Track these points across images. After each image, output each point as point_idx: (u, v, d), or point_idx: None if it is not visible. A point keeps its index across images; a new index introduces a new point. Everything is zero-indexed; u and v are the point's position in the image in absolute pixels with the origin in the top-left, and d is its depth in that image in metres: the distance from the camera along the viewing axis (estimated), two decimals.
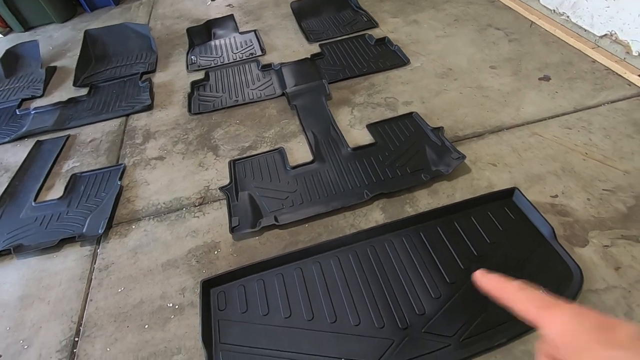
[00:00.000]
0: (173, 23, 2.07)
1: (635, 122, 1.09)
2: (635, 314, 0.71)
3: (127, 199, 1.10)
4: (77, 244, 1.00)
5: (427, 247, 0.86)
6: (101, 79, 1.66)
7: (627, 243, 0.82)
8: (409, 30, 1.66)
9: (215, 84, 1.52)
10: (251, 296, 0.83)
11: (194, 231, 0.99)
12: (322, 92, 1.35)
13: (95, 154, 1.30)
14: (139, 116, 1.43)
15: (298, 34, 1.77)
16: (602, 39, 1.33)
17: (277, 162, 1.13)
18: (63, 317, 0.86)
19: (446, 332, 0.73)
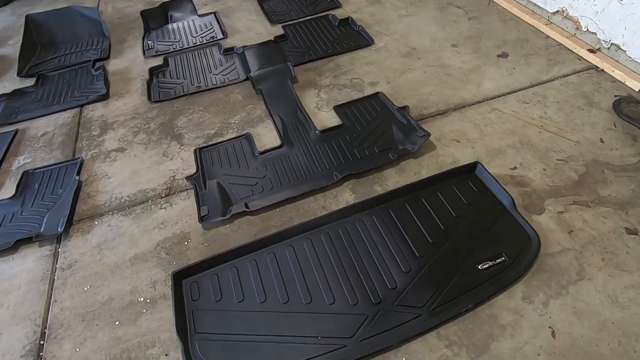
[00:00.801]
0: (125, 6, 1.94)
1: (585, 94, 1.15)
2: (586, 272, 0.77)
3: (87, 194, 1.05)
4: (36, 244, 0.95)
5: (396, 224, 0.88)
6: (49, 67, 1.54)
7: (578, 208, 0.88)
8: (372, 10, 1.65)
9: (176, 70, 1.46)
10: (225, 284, 0.82)
11: (162, 223, 0.96)
12: (287, 75, 1.33)
13: (49, 148, 1.22)
14: (94, 106, 1.35)
15: (260, 16, 1.72)
16: (554, 15, 1.39)
17: (244, 148, 1.11)
18: (25, 320, 0.82)
19: (417, 303, 0.76)
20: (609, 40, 1.22)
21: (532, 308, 0.74)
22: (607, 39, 1.22)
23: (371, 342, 0.72)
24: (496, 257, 0.80)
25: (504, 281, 0.77)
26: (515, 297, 0.75)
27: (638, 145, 1.00)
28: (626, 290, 0.74)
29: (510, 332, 0.71)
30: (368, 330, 0.73)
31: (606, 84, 1.18)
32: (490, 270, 0.79)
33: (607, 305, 0.72)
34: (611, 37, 1.21)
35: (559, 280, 0.77)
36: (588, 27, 1.27)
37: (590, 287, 0.75)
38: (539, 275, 0.78)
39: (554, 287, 0.76)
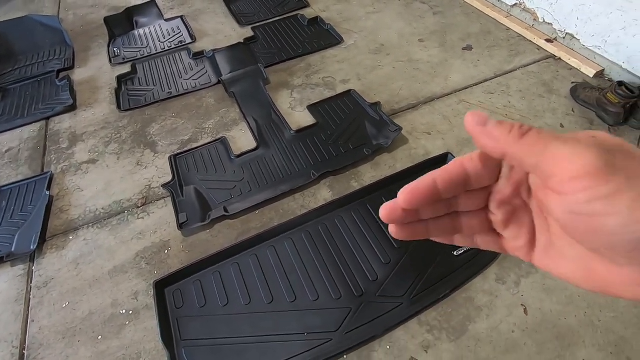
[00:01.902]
0: (87, 12, 1.89)
1: (545, 82, 1.21)
2: None
3: (59, 209, 1.02)
4: (7, 264, 0.92)
5: (374, 218, 0.91)
6: (10, 80, 1.48)
7: None
8: (339, 8, 1.67)
9: (145, 77, 1.43)
10: (208, 289, 0.82)
11: (140, 233, 0.95)
12: (259, 76, 1.33)
13: (15, 164, 1.17)
14: (61, 118, 1.31)
15: (228, 18, 1.71)
16: (513, 8, 1.45)
17: (220, 153, 1.11)
18: (1, 343, 0.79)
19: (398, 293, 0.79)
20: (564, 30, 1.28)
21: (505, 288, 0.78)
22: (562, 29, 1.29)
23: (356, 333, 0.74)
24: None
25: (478, 265, 0.81)
26: (489, 280, 0.79)
27: (595, 128, 1.06)
28: None
29: (486, 312, 0.75)
30: (352, 322, 0.75)
31: (564, 72, 1.24)
32: (464, 255, 0.82)
33: None
34: (565, 27, 1.27)
35: None
36: (544, 18, 1.34)
37: None
38: (510, 257, 0.81)
39: (525, 267, 0.80)
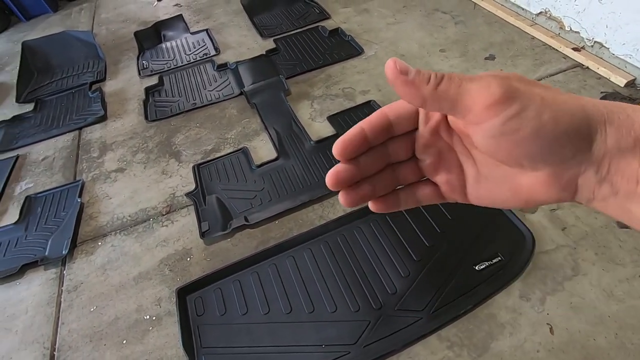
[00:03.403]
0: (119, 27, 1.98)
1: (572, 92, 1.17)
2: (581, 268, 0.79)
3: (89, 215, 1.07)
4: (41, 267, 0.96)
5: (393, 230, 0.90)
6: (47, 92, 1.57)
7: (570, 205, 0.90)
8: (360, 19, 1.68)
9: (171, 88, 1.48)
10: (229, 298, 0.84)
11: (164, 240, 0.98)
12: (280, 87, 1.36)
13: (50, 172, 1.24)
14: (92, 128, 1.37)
15: (251, 30, 1.75)
16: (538, 16, 1.42)
17: (242, 163, 1.13)
18: (34, 344, 0.83)
19: (417, 307, 0.77)
20: (592, 38, 1.25)
21: (529, 305, 0.75)
22: (590, 37, 1.25)
23: (374, 347, 0.73)
24: (492, 257, 0.82)
25: (501, 280, 0.79)
26: (512, 296, 0.77)
27: None
28: (620, 283, 0.76)
29: (509, 330, 0.73)
30: (371, 335, 0.75)
31: (592, 81, 1.20)
32: (487, 270, 0.81)
33: (603, 299, 0.74)
34: (594, 35, 1.24)
35: (555, 277, 0.78)
36: (571, 26, 1.31)
37: (585, 282, 0.77)
38: (534, 273, 0.79)
39: (550, 284, 0.77)
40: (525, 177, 0.22)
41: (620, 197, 0.20)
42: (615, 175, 0.20)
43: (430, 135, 0.25)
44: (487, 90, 0.19)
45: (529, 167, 0.21)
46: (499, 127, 0.20)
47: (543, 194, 0.22)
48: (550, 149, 0.20)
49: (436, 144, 0.25)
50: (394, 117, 0.25)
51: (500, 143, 0.20)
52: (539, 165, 0.21)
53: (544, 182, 0.21)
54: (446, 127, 0.25)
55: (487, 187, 0.25)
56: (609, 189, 0.20)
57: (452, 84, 0.20)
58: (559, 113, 0.19)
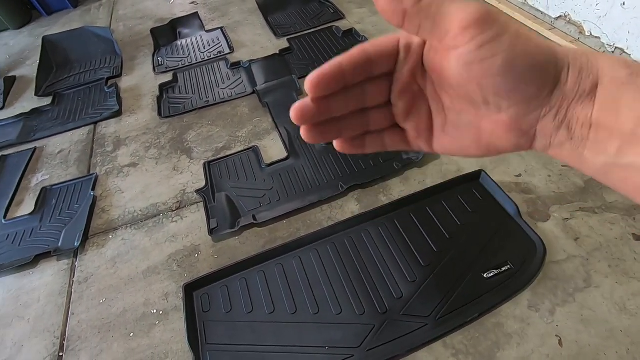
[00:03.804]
0: (136, 24, 2.01)
1: None
2: (593, 280, 0.77)
3: (101, 209, 1.09)
4: (54, 258, 0.99)
5: (401, 234, 0.90)
6: (65, 86, 1.60)
7: (584, 215, 0.88)
8: (375, 20, 1.67)
9: (185, 85, 1.50)
10: (234, 295, 0.84)
11: (173, 236, 0.99)
12: (292, 87, 1.36)
13: (65, 165, 1.27)
14: (107, 123, 1.40)
15: (265, 29, 1.76)
16: (557, 20, 1.39)
17: (252, 161, 1.14)
18: (45, 333, 0.85)
19: (423, 313, 0.77)
20: (613, 44, 1.22)
21: (538, 316, 0.74)
22: (611, 42, 1.22)
23: (378, 351, 0.73)
24: (501, 266, 0.81)
25: (510, 289, 0.77)
26: (521, 306, 0.76)
27: None
28: (634, 297, 0.74)
29: (516, 340, 0.71)
30: (375, 340, 0.74)
31: None
32: (495, 278, 0.79)
33: (615, 313, 0.72)
34: (615, 40, 1.21)
35: (566, 288, 0.77)
36: (591, 31, 1.27)
37: (597, 295, 0.75)
38: (545, 283, 0.78)
39: (561, 295, 0.76)
40: (488, 121, 0.23)
41: (575, 142, 0.21)
42: (572, 120, 0.20)
43: (408, 77, 0.25)
44: (465, 11, 0.19)
45: (494, 105, 0.22)
46: (473, 52, 0.20)
47: (503, 140, 0.23)
48: (517, 84, 0.20)
49: (411, 89, 0.26)
50: (375, 55, 0.24)
51: (472, 70, 0.20)
52: (503, 104, 0.21)
53: (505, 126, 0.22)
54: (421, 69, 0.25)
55: (451, 134, 0.25)
56: (565, 134, 0.21)
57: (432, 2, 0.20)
58: (531, 47, 0.20)
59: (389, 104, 0.27)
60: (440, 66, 0.23)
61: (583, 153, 0.21)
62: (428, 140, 0.27)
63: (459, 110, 0.24)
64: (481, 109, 0.23)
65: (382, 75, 0.25)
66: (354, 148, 0.28)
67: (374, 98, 0.26)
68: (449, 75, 0.22)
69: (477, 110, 0.23)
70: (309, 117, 0.24)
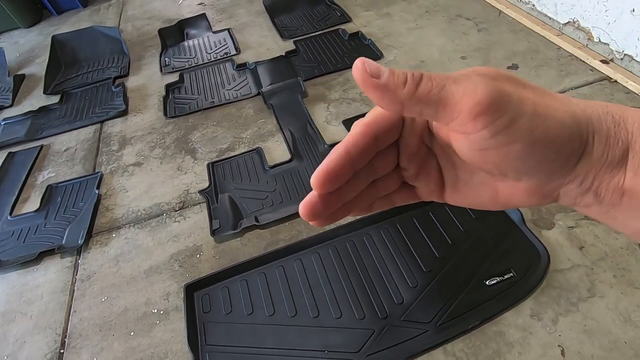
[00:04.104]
0: (144, 24, 2.03)
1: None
2: (597, 289, 0.76)
3: (105, 207, 1.10)
4: (57, 255, 1.00)
5: (403, 238, 0.89)
6: (73, 85, 1.62)
7: (589, 223, 0.87)
8: (381, 23, 1.67)
9: (191, 86, 1.51)
10: (235, 297, 0.84)
11: (176, 236, 0.99)
12: (297, 89, 1.36)
13: (71, 163, 1.28)
14: (113, 122, 1.41)
15: (272, 31, 1.76)
16: (565, 26, 1.38)
17: (255, 163, 1.14)
18: (47, 330, 0.86)
19: (424, 319, 0.76)
20: (622, 51, 1.20)
21: (540, 325, 0.73)
22: (620, 49, 1.21)
23: (377, 357, 0.72)
24: (504, 273, 0.80)
25: (512, 297, 0.77)
26: (523, 314, 0.75)
27: None
28: (639, 308, 0.72)
29: (518, 349, 0.71)
30: (375, 345, 0.74)
31: (620, 95, 1.16)
32: (498, 286, 0.79)
33: (619, 324, 0.71)
34: (624, 47, 1.19)
35: (569, 297, 0.76)
36: (600, 37, 1.26)
37: (601, 305, 0.74)
38: (548, 291, 0.77)
39: (564, 304, 0.75)
40: (506, 185, 0.22)
41: (604, 206, 0.20)
42: (600, 187, 0.19)
43: (416, 142, 0.24)
44: (474, 96, 0.17)
45: (512, 178, 0.21)
46: (487, 140, 0.18)
47: (523, 201, 0.22)
48: (538, 165, 0.19)
49: (420, 152, 0.24)
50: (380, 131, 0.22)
51: (487, 156, 0.19)
52: (524, 177, 0.20)
53: (524, 192, 0.21)
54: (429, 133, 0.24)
55: (465, 191, 0.24)
56: (593, 199, 0.20)
57: (433, 86, 0.18)
58: (551, 125, 0.18)
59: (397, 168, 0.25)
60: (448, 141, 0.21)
61: (614, 214, 0.19)
62: (440, 195, 0.26)
63: (471, 171, 0.23)
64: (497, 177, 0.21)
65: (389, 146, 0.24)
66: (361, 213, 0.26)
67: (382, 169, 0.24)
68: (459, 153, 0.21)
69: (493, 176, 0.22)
70: (319, 213, 0.22)
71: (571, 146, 0.18)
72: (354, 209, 0.25)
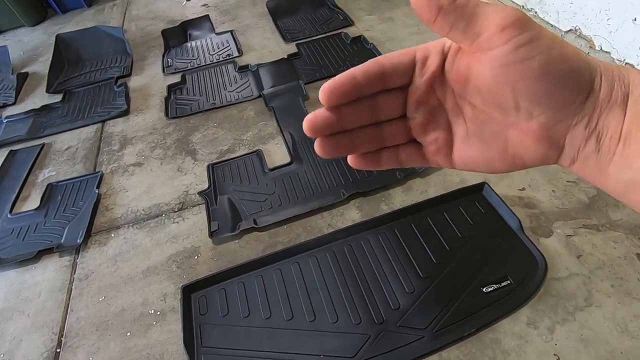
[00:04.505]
0: (148, 24, 2.04)
1: None
2: (594, 299, 0.76)
3: (105, 207, 1.10)
4: (56, 254, 1.00)
5: (401, 244, 0.89)
6: (75, 84, 1.63)
7: (588, 232, 0.86)
8: (384, 27, 1.68)
9: (192, 87, 1.51)
10: (232, 299, 0.85)
11: (174, 237, 1.00)
12: (299, 92, 1.37)
13: (72, 162, 1.28)
14: (115, 122, 1.42)
15: (275, 34, 1.77)
16: (567, 34, 1.38)
17: (255, 165, 1.15)
18: (44, 328, 0.86)
19: (420, 325, 0.76)
20: (623, 59, 1.20)
21: (537, 333, 0.73)
22: (622, 58, 1.21)
23: None
24: (501, 280, 0.80)
25: (509, 305, 0.77)
26: (520, 322, 0.75)
27: None
28: (636, 318, 0.72)
29: (514, 357, 0.70)
30: (370, 350, 0.74)
31: None
32: (495, 293, 0.78)
33: (616, 334, 0.71)
34: (625, 56, 1.19)
35: (566, 306, 0.75)
36: (602, 46, 1.26)
37: (598, 314, 0.74)
38: (545, 300, 0.77)
39: (561, 313, 0.75)
40: (517, 130, 0.22)
41: (602, 155, 0.21)
42: (602, 131, 0.20)
43: (425, 88, 0.24)
44: (503, 12, 0.19)
45: (524, 111, 0.21)
46: (510, 53, 0.19)
47: (531, 150, 0.22)
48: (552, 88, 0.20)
49: (429, 101, 0.25)
50: (390, 68, 0.24)
51: (507, 73, 0.20)
52: (535, 110, 0.21)
53: (534, 134, 0.22)
54: (441, 80, 0.24)
55: (474, 146, 0.25)
56: (593, 146, 0.21)
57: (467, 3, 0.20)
58: (567, 52, 0.20)
59: (404, 118, 0.26)
60: (467, 72, 0.22)
61: (608, 168, 0.20)
62: (447, 155, 0.26)
63: (482, 120, 0.23)
64: (510, 116, 0.22)
65: (397, 89, 0.25)
66: (368, 164, 0.27)
67: (388, 111, 0.25)
68: (479, 80, 0.22)
69: (506, 117, 0.22)
70: (321, 128, 0.24)
71: (582, 76, 0.20)
72: (359, 146, 0.26)
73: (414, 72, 0.24)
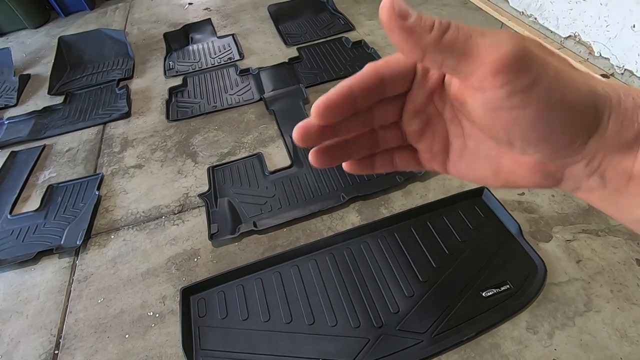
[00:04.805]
0: (150, 27, 2.05)
1: None
2: (594, 304, 0.76)
3: (105, 208, 1.10)
4: (56, 256, 1.00)
5: (401, 247, 0.89)
6: (77, 86, 1.64)
7: (587, 237, 0.87)
8: (384, 32, 1.68)
9: (194, 90, 1.52)
10: (231, 302, 0.84)
11: (174, 239, 1.00)
12: (299, 96, 1.37)
13: (72, 163, 1.28)
14: (116, 124, 1.42)
15: (276, 38, 1.78)
16: (566, 40, 1.39)
17: (255, 168, 1.15)
18: (42, 330, 0.86)
19: (419, 329, 0.76)
20: (622, 65, 1.21)
21: (536, 338, 0.73)
22: (621, 64, 1.22)
23: None
24: (501, 285, 0.80)
25: (508, 310, 0.76)
26: (519, 327, 0.75)
27: None
28: (635, 324, 0.72)
29: None
30: (369, 354, 0.74)
31: None
32: (494, 297, 0.78)
33: (615, 340, 0.71)
34: (624, 62, 1.20)
35: (565, 311, 0.75)
36: (601, 52, 1.27)
37: (597, 320, 0.74)
38: (544, 304, 0.77)
39: (560, 318, 0.75)
40: (510, 159, 0.21)
41: (609, 191, 0.19)
42: (607, 170, 0.18)
43: (424, 99, 0.23)
44: (499, 50, 0.16)
45: (519, 149, 0.20)
46: (503, 99, 0.17)
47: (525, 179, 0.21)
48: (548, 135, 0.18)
49: (427, 110, 0.23)
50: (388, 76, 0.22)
51: (499, 117, 0.18)
52: (530, 150, 0.19)
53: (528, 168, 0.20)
54: (440, 93, 0.23)
55: (469, 161, 0.23)
56: (598, 182, 0.19)
57: (459, 35, 0.17)
58: (569, 93, 0.17)
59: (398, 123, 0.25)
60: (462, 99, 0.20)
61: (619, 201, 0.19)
62: (442, 163, 0.25)
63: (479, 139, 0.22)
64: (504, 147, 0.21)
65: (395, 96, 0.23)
66: (363, 169, 0.26)
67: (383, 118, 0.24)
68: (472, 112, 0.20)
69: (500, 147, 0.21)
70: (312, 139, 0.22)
71: (585, 119, 0.18)
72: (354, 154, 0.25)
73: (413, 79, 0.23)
